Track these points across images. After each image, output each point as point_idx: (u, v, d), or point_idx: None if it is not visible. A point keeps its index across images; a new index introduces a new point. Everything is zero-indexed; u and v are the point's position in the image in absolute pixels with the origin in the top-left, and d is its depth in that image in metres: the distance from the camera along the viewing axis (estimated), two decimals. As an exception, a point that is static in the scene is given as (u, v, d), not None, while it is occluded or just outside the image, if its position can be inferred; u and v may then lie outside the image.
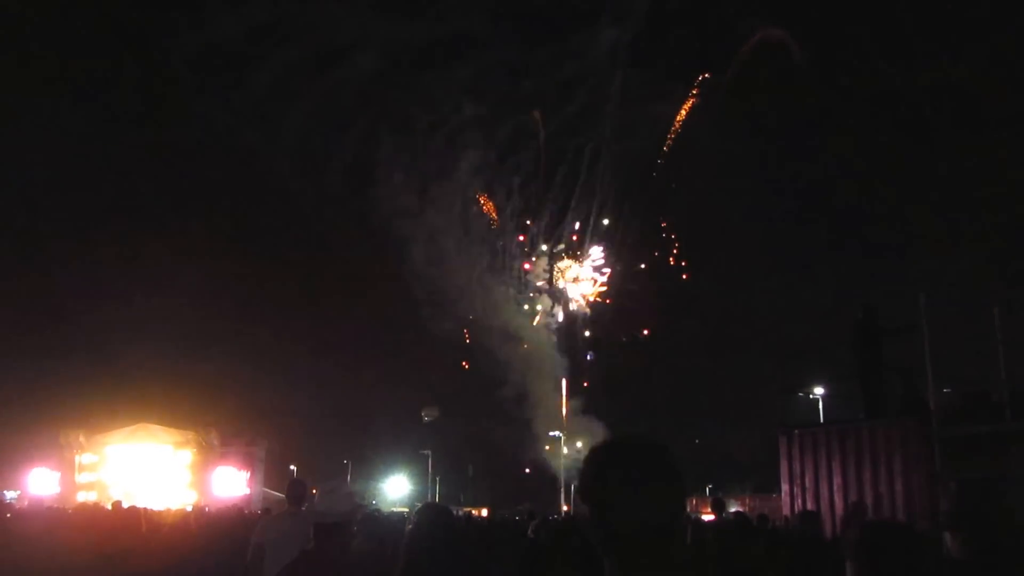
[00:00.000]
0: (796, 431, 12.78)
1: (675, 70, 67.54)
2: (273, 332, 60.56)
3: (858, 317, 13.29)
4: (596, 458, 1.66)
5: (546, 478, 56.72)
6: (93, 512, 13.34)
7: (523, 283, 67.00)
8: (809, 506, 11.99)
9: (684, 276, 67.03)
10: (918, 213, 56.18)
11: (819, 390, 33.83)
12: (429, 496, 49.82)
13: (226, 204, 67.85)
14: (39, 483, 29.60)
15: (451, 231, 61.10)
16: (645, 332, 66.07)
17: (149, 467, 30.48)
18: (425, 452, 54.75)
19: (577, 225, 67.81)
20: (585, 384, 62.63)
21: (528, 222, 67.12)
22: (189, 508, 19.56)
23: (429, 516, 3.78)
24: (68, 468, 30.35)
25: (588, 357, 65.83)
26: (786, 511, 12.51)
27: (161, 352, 51.56)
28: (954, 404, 10.81)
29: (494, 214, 66.01)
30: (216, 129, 63.92)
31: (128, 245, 64.08)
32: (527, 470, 59.46)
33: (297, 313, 65.49)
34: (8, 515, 9.23)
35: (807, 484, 12.18)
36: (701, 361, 61.85)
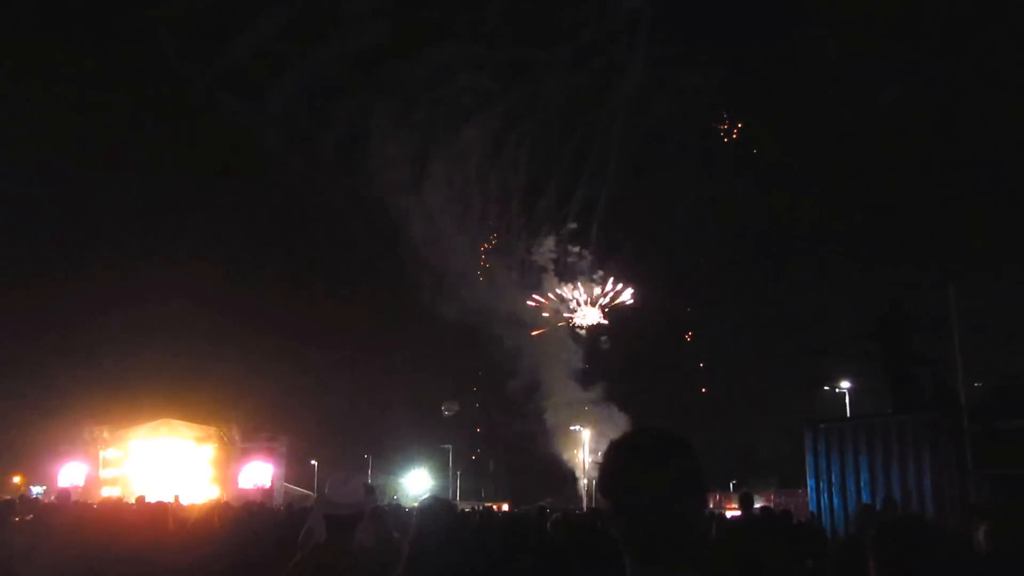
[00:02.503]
0: (822, 425, 12.59)
1: (699, 40, 65.78)
2: (293, 328, 61.09)
3: (885, 311, 13.05)
4: (616, 452, 1.59)
5: (565, 472, 56.47)
6: (118, 507, 13.45)
7: (527, 265, 65.39)
8: (836, 502, 11.80)
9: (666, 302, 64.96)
10: (949, 205, 55.37)
11: (846, 384, 33.46)
12: (449, 491, 49.96)
13: (237, 203, 68.31)
14: (67, 477, 29.97)
15: (454, 209, 60.11)
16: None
17: (172, 462, 30.78)
18: (445, 446, 54.77)
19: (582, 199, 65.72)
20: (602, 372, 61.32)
21: (535, 199, 65.49)
22: (212, 503, 19.68)
23: (429, 508, 3.71)
24: (92, 463, 30.72)
25: (603, 345, 64.52)
26: (812, 506, 12.32)
27: (183, 348, 52.27)
28: (984, 398, 10.59)
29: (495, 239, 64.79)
30: (227, 122, 63.83)
31: (145, 244, 64.96)
32: (545, 464, 59.18)
33: (316, 309, 65.96)
34: (30, 516, 9.23)
35: (833, 479, 11.98)
36: (726, 354, 61.47)
